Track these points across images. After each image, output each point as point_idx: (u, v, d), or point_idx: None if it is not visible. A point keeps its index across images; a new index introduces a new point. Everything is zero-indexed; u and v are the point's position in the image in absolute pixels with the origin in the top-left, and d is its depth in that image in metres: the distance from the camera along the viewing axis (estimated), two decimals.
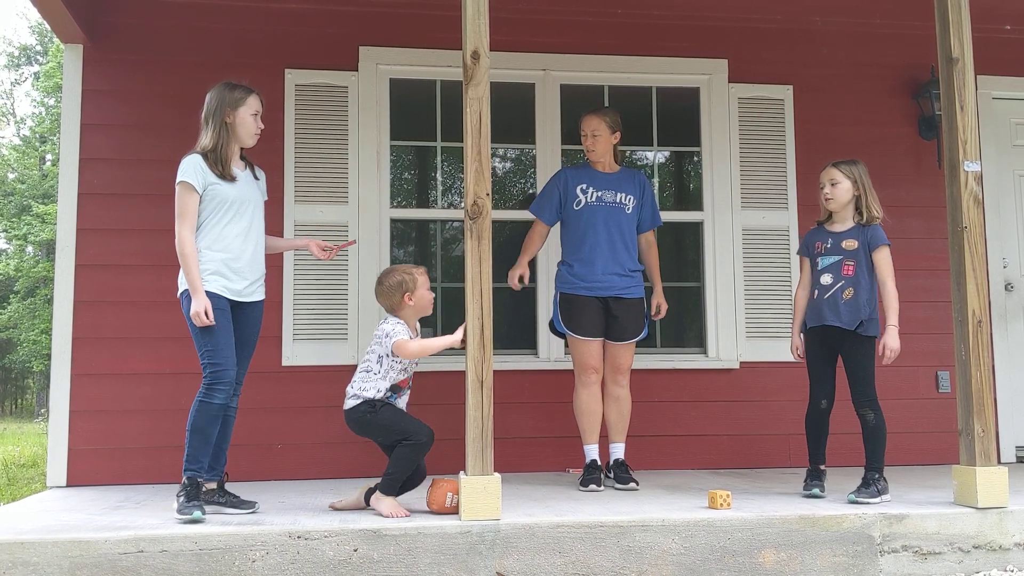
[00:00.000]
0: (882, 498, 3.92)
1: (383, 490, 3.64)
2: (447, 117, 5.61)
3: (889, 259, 4.19)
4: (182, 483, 3.60)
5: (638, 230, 4.75)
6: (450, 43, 4.74)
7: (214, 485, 3.80)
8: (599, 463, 4.57)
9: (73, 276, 5.07)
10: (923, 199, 5.78)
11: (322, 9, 5.45)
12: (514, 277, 4.66)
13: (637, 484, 4.47)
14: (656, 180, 5.91)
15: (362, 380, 3.79)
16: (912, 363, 5.27)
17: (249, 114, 3.88)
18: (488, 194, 3.59)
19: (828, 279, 4.20)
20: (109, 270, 5.10)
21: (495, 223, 4.01)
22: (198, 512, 3.46)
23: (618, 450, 4.65)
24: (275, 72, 5.33)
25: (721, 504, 3.72)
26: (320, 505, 3.97)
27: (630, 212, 4.68)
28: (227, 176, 3.80)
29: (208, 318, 3.62)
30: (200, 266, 3.69)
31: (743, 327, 5.61)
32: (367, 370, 3.79)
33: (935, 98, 5.66)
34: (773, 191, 5.74)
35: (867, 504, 3.83)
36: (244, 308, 3.86)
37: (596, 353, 4.60)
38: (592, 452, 4.59)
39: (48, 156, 30.96)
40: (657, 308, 4.80)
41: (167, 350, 5.00)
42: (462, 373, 3.63)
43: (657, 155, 5.96)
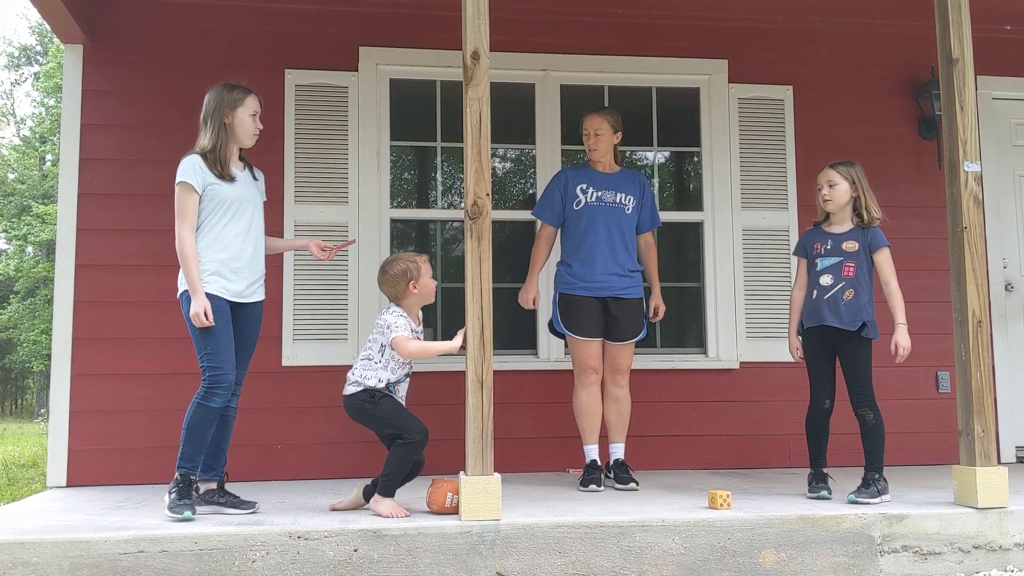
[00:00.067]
0: (882, 498, 3.92)
1: (381, 492, 3.64)
2: (447, 117, 5.61)
3: (890, 260, 4.21)
4: (174, 478, 3.62)
5: (637, 231, 4.75)
6: (450, 43, 4.74)
7: (214, 485, 3.81)
8: (599, 463, 4.57)
9: (73, 276, 5.07)
10: (923, 199, 5.78)
11: (322, 9, 5.45)
12: (527, 301, 4.69)
13: (637, 484, 4.47)
14: (656, 180, 5.90)
15: (363, 368, 3.79)
16: (912, 363, 5.21)
17: (247, 115, 3.88)
18: (488, 194, 3.59)
19: (828, 280, 4.20)
20: (109, 270, 5.10)
21: (495, 223, 4.02)
22: (188, 511, 3.49)
23: (618, 450, 4.65)
24: (275, 72, 5.33)
25: (721, 504, 3.73)
26: (320, 505, 3.97)
27: (630, 212, 4.68)
28: (226, 176, 3.80)
29: (207, 319, 3.63)
30: (200, 267, 3.70)
31: (743, 327, 5.61)
32: (368, 358, 3.80)
33: (935, 98, 5.66)
34: (773, 191, 5.74)
35: (867, 504, 3.83)
36: (244, 308, 3.86)
37: (595, 353, 4.59)
38: (592, 452, 4.59)
39: (48, 156, 30.97)
40: (655, 310, 4.80)
41: (167, 350, 5.00)
42: (462, 373, 3.63)
43: (657, 155, 5.95)
